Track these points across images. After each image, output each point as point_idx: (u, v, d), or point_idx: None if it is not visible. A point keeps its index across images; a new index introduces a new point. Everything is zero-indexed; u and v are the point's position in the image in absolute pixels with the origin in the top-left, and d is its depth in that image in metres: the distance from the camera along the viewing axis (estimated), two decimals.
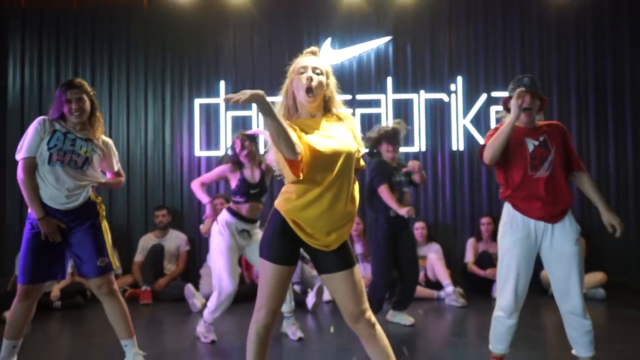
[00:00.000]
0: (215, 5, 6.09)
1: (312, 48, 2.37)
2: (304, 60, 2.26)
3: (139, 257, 5.64)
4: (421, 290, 5.24)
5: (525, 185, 2.65)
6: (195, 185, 3.74)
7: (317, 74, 2.18)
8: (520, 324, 2.72)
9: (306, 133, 2.08)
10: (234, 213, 3.65)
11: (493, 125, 6.02)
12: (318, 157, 2.04)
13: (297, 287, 5.17)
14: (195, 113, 6.07)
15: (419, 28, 6.14)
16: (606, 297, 5.09)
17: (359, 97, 6.04)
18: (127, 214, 6.01)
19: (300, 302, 4.65)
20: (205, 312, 3.66)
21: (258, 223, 3.77)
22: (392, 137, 4.03)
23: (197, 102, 6.08)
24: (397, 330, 4.00)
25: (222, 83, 6.08)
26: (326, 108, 2.24)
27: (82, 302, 5.06)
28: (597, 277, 5.26)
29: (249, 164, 3.71)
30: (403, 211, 3.78)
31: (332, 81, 2.26)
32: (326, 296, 5.05)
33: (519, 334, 2.77)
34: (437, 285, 5.25)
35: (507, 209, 2.73)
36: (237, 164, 3.70)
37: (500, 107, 5.87)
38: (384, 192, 3.91)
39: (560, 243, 2.61)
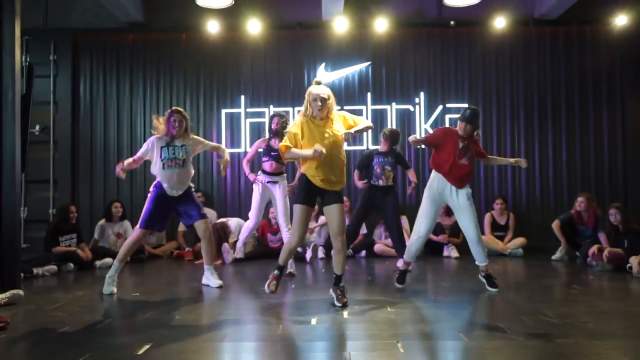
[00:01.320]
0: (237, 39, 7.87)
1: (317, 79, 3.92)
2: (315, 89, 3.78)
3: (181, 228, 7.45)
4: (390, 251, 7.06)
5: (452, 164, 4.37)
6: (243, 163, 5.62)
7: (325, 99, 3.73)
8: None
9: (311, 131, 3.73)
10: (263, 171, 5.46)
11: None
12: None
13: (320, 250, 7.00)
14: (222, 120, 7.93)
15: (391, 54, 7.93)
16: (523, 255, 6.96)
17: (345, 107, 7.83)
18: None
19: (300, 257, 6.50)
20: (239, 243, 5.78)
21: (284, 175, 5.47)
22: (390, 136, 6.00)
23: (224, 111, 7.93)
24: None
25: (242, 97, 7.94)
26: (327, 115, 3.79)
27: (144, 258, 6.91)
28: (519, 241, 7.12)
29: (276, 136, 5.40)
30: (359, 184, 5.93)
31: (332, 99, 3.79)
32: (320, 254, 6.90)
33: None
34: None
35: (434, 174, 4.48)
36: (270, 136, 5.49)
37: (453, 115, 7.82)
38: (355, 174, 5.99)
39: (462, 199, 4.37)
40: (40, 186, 7.84)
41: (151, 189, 4.67)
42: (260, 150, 5.63)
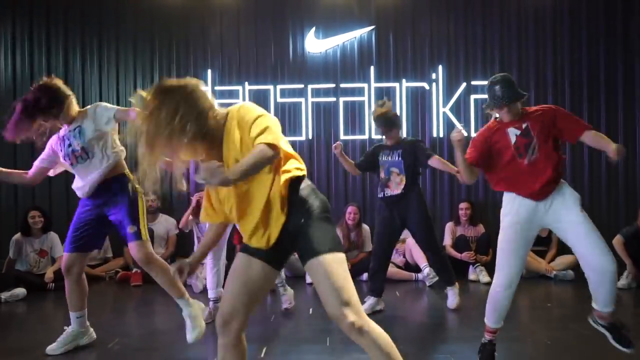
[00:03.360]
0: None
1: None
2: None
3: None
4: (399, 273, 5.49)
5: (520, 171, 2.74)
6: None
7: None
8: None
9: None
10: None
11: (473, 112, 6.22)
12: None
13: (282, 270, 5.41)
14: None
15: (401, 18, 6.28)
16: (575, 278, 5.34)
17: (342, 85, 6.21)
18: None
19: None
20: (210, 292, 3.89)
21: None
22: (380, 123, 4.11)
23: None
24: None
25: (209, 72, 6.25)
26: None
27: None
28: (567, 259, 5.50)
29: None
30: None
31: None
32: (308, 279, 5.29)
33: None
34: (416, 268, 5.46)
35: (506, 196, 2.82)
36: None
37: (479, 95, 6.15)
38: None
39: (565, 215, 2.68)
40: None
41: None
42: None
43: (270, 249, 1.91)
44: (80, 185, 3.11)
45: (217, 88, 6.23)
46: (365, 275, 5.38)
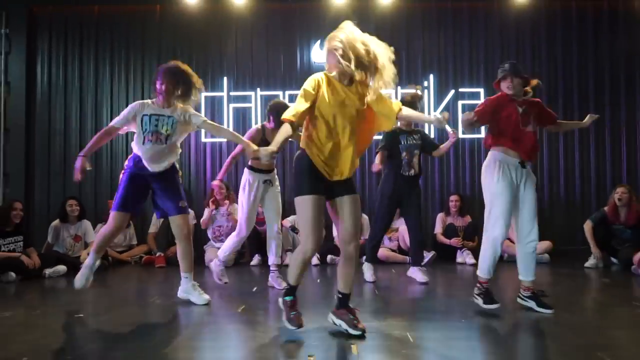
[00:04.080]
0: (220, 11, 6.89)
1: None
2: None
3: (152, 229, 6.45)
4: (395, 256, 6.13)
5: (519, 134, 3.36)
6: (228, 160, 4.45)
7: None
8: None
9: (330, 92, 2.69)
10: (254, 169, 4.33)
11: (461, 116, 6.87)
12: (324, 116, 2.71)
13: (289, 255, 6.03)
14: (202, 104, 6.88)
15: (396, 32, 6.96)
16: (549, 261, 5.98)
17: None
18: None
19: None
20: (220, 252, 4.40)
21: (275, 171, 4.45)
22: (409, 104, 4.41)
23: (204, 95, 6.88)
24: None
25: (225, 79, 6.92)
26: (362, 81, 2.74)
27: (106, 264, 5.86)
28: (544, 244, 6.13)
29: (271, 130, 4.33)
30: (376, 167, 4.65)
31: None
32: (314, 260, 5.91)
33: None
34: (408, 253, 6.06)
35: (494, 155, 3.40)
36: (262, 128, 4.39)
37: (466, 101, 6.86)
38: (378, 155, 4.66)
39: (529, 189, 3.35)
40: None
41: (125, 163, 3.75)
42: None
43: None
44: (153, 158, 3.57)
45: (232, 93, 6.90)
46: (363, 258, 6.03)
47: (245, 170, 4.40)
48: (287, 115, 2.67)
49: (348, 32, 2.76)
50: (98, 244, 3.75)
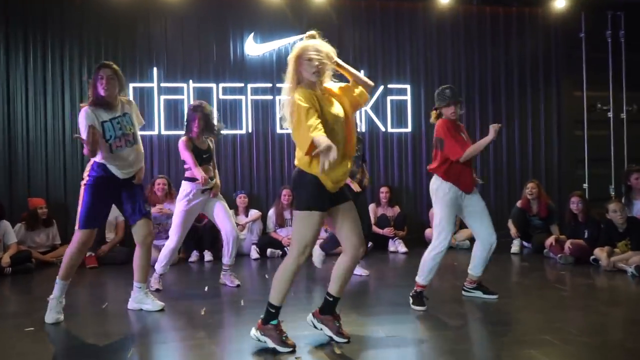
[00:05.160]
0: None
1: (311, 32, 2.87)
2: (310, 47, 2.71)
3: None
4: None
5: (463, 167, 3.58)
6: (195, 172, 4.18)
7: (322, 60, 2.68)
8: None
9: (323, 106, 2.66)
10: (191, 180, 4.27)
11: (389, 111, 7.22)
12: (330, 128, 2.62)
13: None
14: (131, 96, 6.50)
15: (328, 28, 6.85)
16: (470, 248, 6.49)
17: (278, 85, 6.90)
18: (64, 188, 6.40)
19: None
20: (157, 265, 4.31)
21: (216, 180, 4.40)
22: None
23: (132, 86, 6.54)
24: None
25: (155, 70, 6.63)
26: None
27: (31, 267, 5.49)
28: (466, 232, 6.66)
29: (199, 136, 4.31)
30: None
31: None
32: (253, 254, 5.98)
33: None
34: None
35: (439, 180, 3.61)
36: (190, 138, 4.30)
37: (394, 97, 7.18)
38: None
39: (476, 202, 3.65)
40: None
41: (85, 175, 3.47)
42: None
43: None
44: (125, 163, 3.43)
45: (163, 85, 6.66)
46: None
47: (183, 181, 4.35)
48: (314, 133, 2.50)
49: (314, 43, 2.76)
50: (64, 269, 3.46)
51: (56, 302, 3.45)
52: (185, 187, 4.30)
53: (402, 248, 6.31)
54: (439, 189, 3.60)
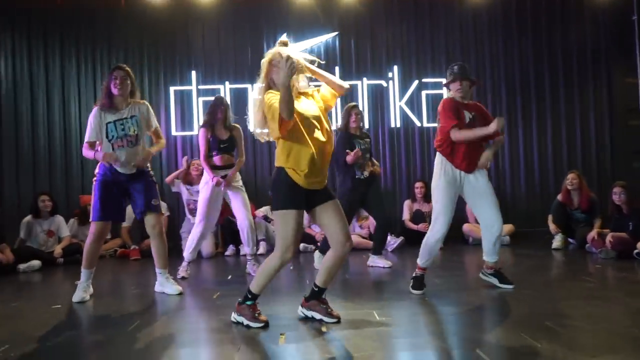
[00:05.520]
0: (186, 4, 6.90)
1: (283, 39, 2.94)
2: (281, 52, 2.74)
3: (126, 223, 6.45)
4: (366, 242, 6.34)
5: (464, 147, 3.45)
6: (203, 163, 4.58)
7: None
8: None
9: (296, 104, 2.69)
10: (213, 167, 4.53)
11: (424, 106, 7.15)
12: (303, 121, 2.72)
13: (262, 244, 6.20)
14: (171, 99, 6.95)
15: (361, 25, 7.15)
16: (510, 244, 6.28)
17: (310, 83, 7.04)
18: None
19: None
20: (184, 252, 4.55)
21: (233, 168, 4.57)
22: (352, 108, 4.88)
23: (172, 89, 6.95)
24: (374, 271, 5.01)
25: (193, 72, 6.98)
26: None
27: (80, 259, 5.90)
28: (506, 228, 6.44)
29: (222, 125, 4.56)
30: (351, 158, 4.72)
31: (302, 65, 2.76)
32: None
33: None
34: None
35: (441, 160, 3.54)
36: (210, 126, 4.57)
37: (429, 91, 7.09)
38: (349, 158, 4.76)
39: (478, 183, 3.48)
40: None
41: (95, 172, 3.79)
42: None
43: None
44: (125, 162, 3.64)
45: (201, 87, 6.98)
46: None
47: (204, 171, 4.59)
48: (276, 103, 2.65)
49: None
50: (86, 259, 3.75)
51: (82, 286, 3.75)
52: (204, 176, 4.52)
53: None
54: (436, 166, 3.57)
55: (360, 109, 6.04)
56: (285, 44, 2.90)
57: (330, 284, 2.96)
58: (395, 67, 7.12)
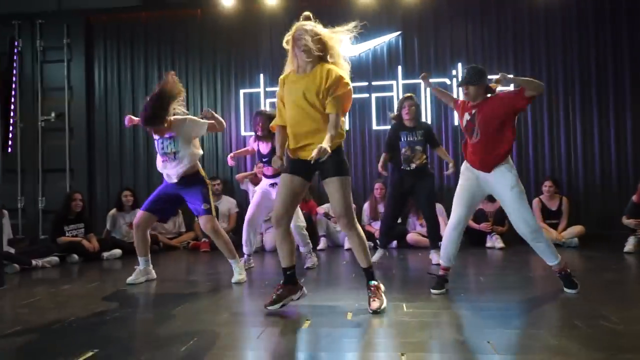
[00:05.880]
0: (255, 12, 7.29)
1: (306, 13, 3.08)
2: (300, 27, 3.01)
3: None
4: (424, 240, 6.32)
5: (469, 146, 3.48)
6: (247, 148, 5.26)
7: (301, 39, 2.92)
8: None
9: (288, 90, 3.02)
10: (263, 174, 4.91)
11: None
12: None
13: (323, 240, 6.42)
14: (241, 100, 7.37)
15: (424, 23, 7.12)
16: (579, 246, 5.98)
17: (374, 83, 7.16)
18: None
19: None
20: (245, 249, 4.88)
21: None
22: (404, 100, 5.02)
23: (242, 91, 7.37)
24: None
25: (262, 75, 7.36)
26: (323, 59, 2.95)
27: (157, 249, 6.42)
28: (576, 229, 6.16)
29: (263, 140, 4.82)
30: (381, 170, 5.05)
31: (326, 37, 2.94)
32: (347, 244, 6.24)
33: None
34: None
35: (464, 164, 3.56)
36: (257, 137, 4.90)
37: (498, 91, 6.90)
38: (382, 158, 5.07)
39: (500, 188, 3.38)
40: (57, 175, 7.60)
41: None
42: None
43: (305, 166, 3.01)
44: (169, 174, 4.03)
45: (269, 89, 7.33)
46: (394, 243, 6.33)
47: (263, 178, 4.95)
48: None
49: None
50: (136, 247, 4.19)
51: (139, 271, 4.21)
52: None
53: (499, 244, 6.06)
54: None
55: (421, 103, 6.01)
56: (308, 18, 3.05)
57: (365, 262, 3.08)
58: (459, 65, 7.02)
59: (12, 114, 7.52)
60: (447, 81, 7.05)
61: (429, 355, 2.25)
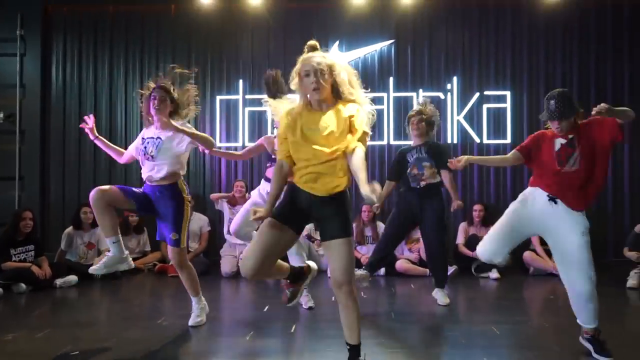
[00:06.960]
0: (235, 11, 6.68)
1: (312, 43, 2.55)
2: (307, 61, 2.45)
3: None
4: (415, 269, 5.88)
5: (556, 176, 2.97)
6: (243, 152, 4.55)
7: (319, 70, 2.39)
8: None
9: (294, 126, 2.46)
10: (265, 178, 4.27)
11: (485, 121, 6.60)
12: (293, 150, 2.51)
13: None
14: (217, 108, 6.73)
15: (419, 32, 6.67)
16: None
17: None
18: None
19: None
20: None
21: None
22: (410, 117, 4.45)
23: (218, 98, 6.74)
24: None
25: (241, 81, 6.73)
26: (338, 95, 2.46)
27: (119, 274, 5.77)
28: None
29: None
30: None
31: (339, 70, 2.44)
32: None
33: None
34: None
35: (530, 189, 3.07)
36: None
37: (491, 105, 6.54)
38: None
39: (566, 230, 2.89)
40: (5, 184, 6.76)
41: None
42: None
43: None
44: (147, 175, 3.58)
45: (248, 97, 6.72)
46: (382, 270, 5.81)
47: (262, 181, 4.29)
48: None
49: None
50: (98, 221, 3.52)
51: (108, 258, 3.57)
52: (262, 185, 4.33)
53: (494, 274, 5.65)
54: None
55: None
56: (314, 48, 2.52)
57: (354, 338, 2.49)
58: (455, 78, 6.60)
59: None
60: (442, 95, 6.62)
61: None
